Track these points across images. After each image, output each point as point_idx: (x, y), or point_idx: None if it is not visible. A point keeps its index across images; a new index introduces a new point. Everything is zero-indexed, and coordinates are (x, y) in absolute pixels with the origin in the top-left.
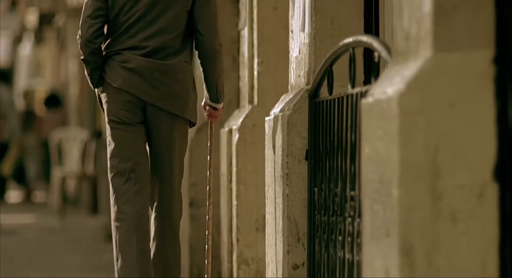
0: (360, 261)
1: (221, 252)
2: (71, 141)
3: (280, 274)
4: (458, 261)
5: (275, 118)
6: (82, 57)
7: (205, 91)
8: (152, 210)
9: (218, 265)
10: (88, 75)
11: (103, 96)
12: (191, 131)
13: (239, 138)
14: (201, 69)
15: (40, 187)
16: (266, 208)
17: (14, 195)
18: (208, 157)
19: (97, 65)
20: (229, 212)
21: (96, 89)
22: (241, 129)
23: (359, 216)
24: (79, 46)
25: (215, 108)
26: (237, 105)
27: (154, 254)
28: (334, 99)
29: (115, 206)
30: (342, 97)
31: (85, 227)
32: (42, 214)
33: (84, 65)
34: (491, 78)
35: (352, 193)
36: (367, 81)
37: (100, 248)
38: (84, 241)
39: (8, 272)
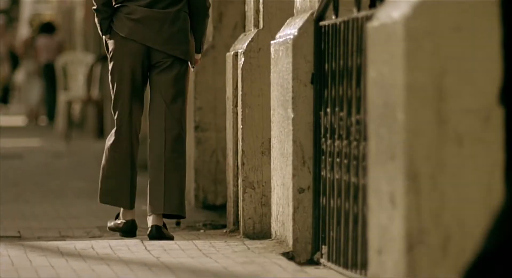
0: (365, 185)
1: (227, 176)
2: (77, 64)
3: (285, 197)
4: (463, 185)
5: (281, 42)
6: (94, 7)
7: None
8: (160, 145)
9: (223, 189)
10: (98, 23)
11: (110, 44)
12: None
13: (244, 61)
14: (190, 22)
15: (43, 111)
16: (271, 132)
17: (19, 119)
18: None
19: (107, 15)
20: (235, 135)
21: (104, 36)
22: (246, 53)
23: (365, 139)
24: None
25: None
26: (243, 29)
27: (162, 178)
28: (339, 23)
29: (113, 136)
30: (348, 21)
31: (90, 151)
32: (47, 138)
33: (95, 14)
34: (497, 1)
35: (357, 116)
36: (372, 5)
37: None
38: (89, 165)
39: (14, 195)
